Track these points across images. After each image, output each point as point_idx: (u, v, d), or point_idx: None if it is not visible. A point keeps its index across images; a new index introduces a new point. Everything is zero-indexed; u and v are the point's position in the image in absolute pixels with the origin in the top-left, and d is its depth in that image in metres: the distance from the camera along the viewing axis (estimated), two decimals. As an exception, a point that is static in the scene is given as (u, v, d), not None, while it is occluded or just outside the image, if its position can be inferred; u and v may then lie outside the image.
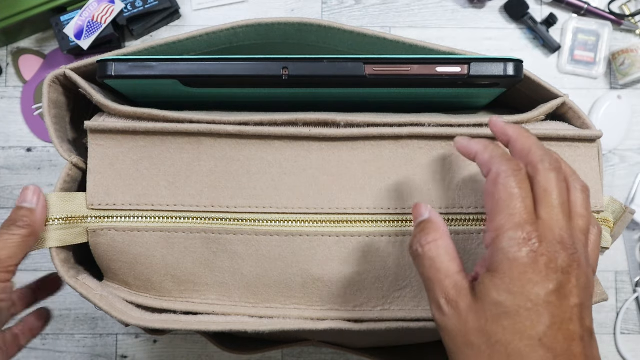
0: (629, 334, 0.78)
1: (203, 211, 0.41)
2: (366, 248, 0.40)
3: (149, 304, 0.42)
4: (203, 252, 0.41)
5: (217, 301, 0.42)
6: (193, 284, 0.42)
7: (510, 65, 0.39)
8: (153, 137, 0.41)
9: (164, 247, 0.41)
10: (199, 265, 0.41)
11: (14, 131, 0.77)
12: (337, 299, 0.41)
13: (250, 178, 0.40)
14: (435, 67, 0.39)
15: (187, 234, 0.40)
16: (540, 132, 0.40)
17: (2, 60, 0.78)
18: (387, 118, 0.40)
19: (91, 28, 0.73)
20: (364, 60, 0.39)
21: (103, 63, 0.40)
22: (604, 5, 0.80)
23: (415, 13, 0.80)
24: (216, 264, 0.41)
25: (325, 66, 0.39)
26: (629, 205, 0.78)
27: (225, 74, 0.39)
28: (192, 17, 0.80)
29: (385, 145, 0.40)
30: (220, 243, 0.41)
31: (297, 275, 0.41)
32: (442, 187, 0.40)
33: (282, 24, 0.42)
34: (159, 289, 0.42)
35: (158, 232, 0.40)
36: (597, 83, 0.80)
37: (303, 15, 0.80)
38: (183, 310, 0.42)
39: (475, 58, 0.39)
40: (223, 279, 0.42)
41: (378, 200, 0.40)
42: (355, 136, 0.40)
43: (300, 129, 0.40)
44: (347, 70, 0.39)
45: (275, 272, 0.41)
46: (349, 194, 0.40)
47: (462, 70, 0.39)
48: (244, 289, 0.42)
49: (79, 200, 0.41)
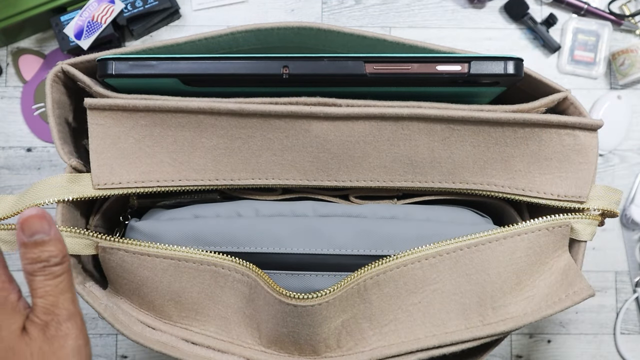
0: (629, 334, 0.78)
1: (207, 185, 0.41)
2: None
3: (148, 322, 0.42)
4: (210, 284, 0.41)
5: (215, 334, 0.42)
6: (195, 313, 0.42)
7: (511, 64, 0.39)
8: (154, 115, 0.40)
9: (172, 274, 0.41)
10: (204, 297, 0.41)
11: (14, 131, 0.77)
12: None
13: (253, 154, 0.40)
14: (436, 66, 0.39)
15: (197, 265, 0.40)
16: (541, 118, 0.40)
17: (2, 60, 0.78)
18: (387, 103, 0.40)
19: (91, 28, 0.73)
20: (365, 59, 0.39)
21: (104, 62, 0.40)
22: (604, 5, 0.80)
23: (415, 13, 0.80)
24: (221, 299, 0.41)
25: (325, 65, 0.39)
26: (628, 205, 0.78)
27: (226, 73, 0.39)
28: (192, 17, 0.80)
29: (385, 126, 0.40)
30: (228, 279, 0.40)
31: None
32: (440, 167, 0.41)
33: (281, 28, 0.42)
34: (159, 311, 0.42)
35: (168, 260, 0.40)
36: (597, 83, 0.80)
37: (303, 16, 0.80)
38: (180, 336, 0.42)
39: (476, 57, 0.39)
40: (225, 314, 0.42)
41: (375, 175, 0.40)
42: (356, 115, 0.40)
43: (301, 107, 0.39)
44: (347, 69, 0.39)
45: (284, 328, 0.41)
46: (348, 171, 0.40)
47: (463, 68, 0.39)
48: (243, 328, 0.42)
49: (85, 181, 0.41)
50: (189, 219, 0.43)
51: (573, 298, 0.41)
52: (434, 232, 0.42)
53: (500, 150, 0.40)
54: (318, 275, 0.41)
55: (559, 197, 0.41)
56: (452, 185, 0.41)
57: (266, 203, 0.44)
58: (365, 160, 0.41)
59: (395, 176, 0.41)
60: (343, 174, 0.41)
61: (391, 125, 0.40)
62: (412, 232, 0.42)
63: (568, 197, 0.41)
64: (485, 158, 0.41)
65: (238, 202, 0.44)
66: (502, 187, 0.42)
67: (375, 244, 0.41)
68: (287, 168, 0.41)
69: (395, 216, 0.43)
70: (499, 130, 0.40)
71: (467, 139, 0.40)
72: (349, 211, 0.43)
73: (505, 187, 0.42)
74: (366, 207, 0.44)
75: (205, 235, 0.42)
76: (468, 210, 0.46)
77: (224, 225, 0.42)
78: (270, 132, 0.40)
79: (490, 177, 0.41)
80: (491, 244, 0.40)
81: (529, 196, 0.42)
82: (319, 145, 0.40)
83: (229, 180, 0.41)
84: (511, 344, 0.77)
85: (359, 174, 0.41)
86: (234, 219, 0.43)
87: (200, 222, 0.42)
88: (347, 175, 0.41)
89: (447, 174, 0.41)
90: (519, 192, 0.42)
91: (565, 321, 0.78)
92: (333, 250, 0.41)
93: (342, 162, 0.41)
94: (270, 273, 0.41)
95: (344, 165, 0.41)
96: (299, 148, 0.40)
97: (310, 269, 0.41)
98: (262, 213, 0.43)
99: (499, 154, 0.41)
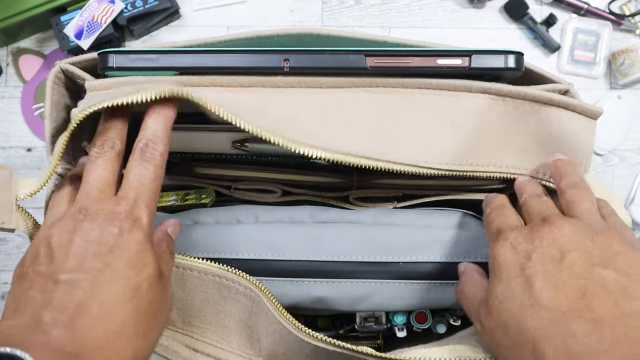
0: (629, 334, 0.78)
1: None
2: None
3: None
4: (213, 294, 0.41)
5: (216, 342, 0.42)
6: (197, 320, 0.42)
7: (511, 57, 0.39)
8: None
9: (176, 282, 0.41)
10: (206, 305, 0.41)
11: (14, 131, 0.77)
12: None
13: (265, 115, 0.38)
14: (436, 60, 0.39)
15: (201, 274, 0.40)
16: (543, 94, 0.39)
17: (2, 60, 0.78)
18: (393, 81, 0.40)
19: (91, 28, 0.73)
20: (366, 53, 0.39)
21: (104, 55, 0.40)
22: (604, 5, 0.80)
23: (415, 13, 0.80)
24: (224, 308, 0.41)
25: (326, 58, 0.39)
26: (628, 205, 0.78)
27: (227, 66, 0.39)
28: (192, 17, 0.80)
29: (391, 95, 0.40)
30: (231, 291, 0.40)
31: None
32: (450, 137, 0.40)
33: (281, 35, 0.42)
34: None
35: (173, 268, 0.40)
36: (597, 83, 0.80)
37: (303, 16, 0.80)
38: (182, 342, 0.42)
39: (476, 50, 0.39)
40: (227, 324, 0.42)
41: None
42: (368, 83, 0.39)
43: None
44: (348, 62, 0.39)
45: (281, 347, 0.41)
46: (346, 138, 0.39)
47: (463, 62, 0.39)
48: (244, 338, 0.42)
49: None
50: (189, 225, 0.43)
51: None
52: (433, 238, 0.42)
53: (500, 125, 0.40)
54: (317, 282, 0.41)
55: (551, 179, 0.41)
56: (459, 167, 0.40)
57: (265, 209, 0.44)
58: (372, 134, 0.39)
59: (400, 154, 0.40)
60: (347, 146, 0.38)
61: (394, 96, 0.39)
62: (411, 238, 0.42)
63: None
64: (487, 135, 0.40)
65: (237, 207, 0.44)
66: (501, 167, 0.41)
67: (374, 251, 0.41)
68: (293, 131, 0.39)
69: (394, 222, 0.43)
70: (500, 104, 0.40)
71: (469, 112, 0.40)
72: (347, 217, 0.43)
73: (502, 167, 0.41)
74: (365, 212, 0.44)
75: (205, 242, 0.42)
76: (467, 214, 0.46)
77: (224, 231, 0.42)
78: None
79: (490, 157, 0.40)
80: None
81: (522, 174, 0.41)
82: (321, 117, 0.39)
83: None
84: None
85: (363, 148, 0.38)
86: (233, 225, 0.43)
87: (200, 228, 0.42)
88: (350, 147, 0.38)
89: (451, 154, 0.40)
90: (514, 171, 0.41)
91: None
92: (332, 257, 0.41)
93: (343, 134, 0.38)
94: (269, 280, 0.41)
95: (343, 137, 0.38)
96: (302, 118, 0.39)
97: (309, 275, 0.41)
98: (262, 219, 0.43)
99: (499, 131, 0.40)
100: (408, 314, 0.43)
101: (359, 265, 0.41)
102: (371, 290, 0.41)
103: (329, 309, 0.42)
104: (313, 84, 0.39)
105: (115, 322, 0.29)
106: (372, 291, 0.41)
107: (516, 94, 0.39)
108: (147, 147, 0.34)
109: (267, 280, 0.41)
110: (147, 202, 0.33)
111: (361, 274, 0.41)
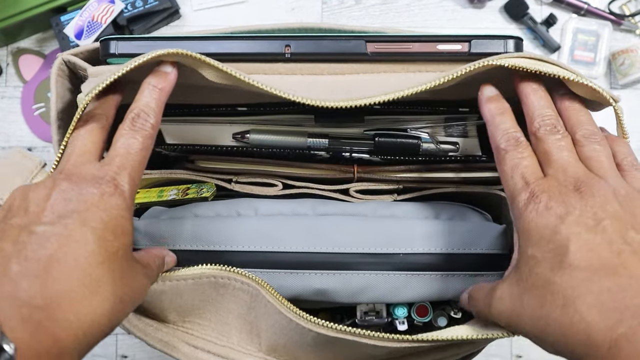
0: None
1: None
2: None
3: (151, 322, 0.42)
4: (211, 293, 0.41)
5: (215, 339, 0.42)
6: (196, 317, 0.42)
7: (511, 42, 0.39)
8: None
9: (173, 293, 0.41)
10: (205, 304, 0.41)
11: (14, 131, 0.77)
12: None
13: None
14: (436, 45, 0.39)
15: (196, 280, 0.40)
16: (551, 69, 0.38)
17: (2, 60, 0.78)
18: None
19: (91, 28, 0.73)
20: (366, 38, 0.39)
21: (106, 42, 0.40)
22: (604, 5, 0.81)
23: (415, 13, 0.80)
24: (222, 305, 0.41)
25: (327, 44, 0.39)
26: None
27: (228, 52, 0.39)
28: (192, 17, 0.80)
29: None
30: (228, 288, 0.40)
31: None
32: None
33: (282, 30, 0.42)
34: (163, 319, 0.42)
35: (167, 282, 0.40)
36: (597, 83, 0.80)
37: (303, 15, 0.80)
38: (181, 339, 0.42)
39: (476, 35, 0.39)
40: (226, 320, 0.42)
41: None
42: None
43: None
44: (349, 48, 0.39)
45: (282, 339, 0.41)
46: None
47: (463, 47, 0.39)
48: (244, 334, 0.42)
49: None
50: (189, 217, 0.43)
51: None
52: (434, 230, 0.42)
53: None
54: (317, 273, 0.41)
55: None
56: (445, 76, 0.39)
57: (265, 202, 0.44)
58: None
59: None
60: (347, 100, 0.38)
61: (397, 74, 0.40)
62: (412, 230, 0.41)
63: None
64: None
65: (237, 200, 0.44)
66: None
67: (374, 242, 0.41)
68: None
69: (394, 214, 0.43)
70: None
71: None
72: (348, 210, 0.43)
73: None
74: (365, 205, 0.44)
75: (205, 235, 0.42)
76: (467, 207, 0.46)
77: (224, 224, 0.42)
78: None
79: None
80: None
81: None
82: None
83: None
84: (511, 344, 0.77)
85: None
86: (233, 218, 0.43)
87: (200, 221, 0.42)
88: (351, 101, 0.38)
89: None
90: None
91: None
92: (333, 249, 0.41)
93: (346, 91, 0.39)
94: (270, 272, 0.41)
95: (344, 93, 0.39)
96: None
97: (310, 267, 0.41)
98: (262, 212, 0.43)
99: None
100: (409, 307, 0.43)
101: (360, 256, 0.41)
102: (372, 281, 0.41)
103: (330, 300, 0.41)
104: (314, 70, 0.39)
105: (91, 280, 0.28)
106: (373, 283, 0.41)
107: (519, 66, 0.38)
108: (138, 117, 0.33)
109: (268, 272, 0.41)
110: (130, 172, 0.32)
111: (362, 266, 0.41)
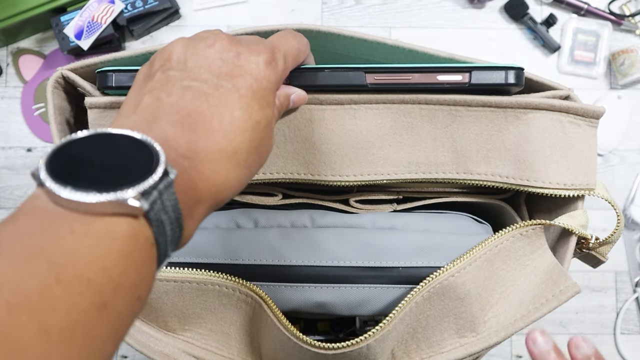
0: (629, 334, 0.78)
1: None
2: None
3: (151, 333, 0.42)
4: (214, 302, 0.41)
5: (216, 349, 0.42)
6: (197, 326, 0.42)
7: (512, 73, 0.39)
8: None
9: (176, 295, 0.41)
10: (207, 312, 0.41)
11: (14, 131, 0.77)
12: None
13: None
14: (437, 76, 0.39)
15: (200, 285, 0.40)
16: (543, 101, 0.39)
17: (2, 60, 0.78)
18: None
19: (91, 28, 0.73)
20: (365, 70, 0.39)
21: (103, 74, 0.40)
22: (604, 5, 0.80)
23: (415, 13, 0.80)
24: (224, 315, 0.41)
25: (326, 75, 0.39)
26: (628, 205, 0.78)
27: None
28: (192, 17, 0.80)
29: (388, 114, 0.40)
30: (232, 298, 0.40)
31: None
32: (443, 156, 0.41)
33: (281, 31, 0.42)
34: (163, 324, 0.42)
35: (172, 282, 0.40)
36: (597, 83, 0.80)
37: (303, 15, 0.80)
38: (182, 349, 0.42)
39: (477, 66, 0.39)
40: (228, 330, 0.42)
41: (378, 167, 0.41)
42: (357, 100, 0.40)
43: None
44: (348, 80, 0.39)
45: (281, 354, 0.41)
46: (351, 164, 0.41)
47: (464, 78, 0.39)
48: (245, 345, 0.42)
49: None
50: None
51: (559, 297, 0.40)
52: (433, 243, 0.42)
53: (502, 138, 0.40)
54: (317, 287, 0.41)
55: (565, 186, 0.41)
56: (456, 175, 0.41)
57: (265, 213, 0.44)
58: (368, 151, 0.40)
59: (400, 167, 0.41)
60: (347, 168, 0.41)
61: (394, 113, 0.40)
62: (411, 243, 0.42)
63: (575, 185, 0.41)
64: (488, 147, 0.40)
65: (237, 211, 0.44)
66: (507, 178, 0.41)
67: (373, 256, 0.41)
68: (290, 160, 0.40)
69: (394, 227, 0.43)
70: (501, 116, 0.40)
71: (469, 126, 0.40)
72: (348, 222, 0.43)
73: (509, 178, 0.41)
74: (365, 217, 0.44)
75: (205, 247, 0.42)
76: (467, 217, 0.45)
77: (224, 237, 0.42)
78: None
79: (494, 167, 0.41)
80: (471, 266, 0.40)
81: (534, 186, 0.41)
82: (321, 136, 0.40)
83: None
84: (511, 344, 0.78)
85: (363, 167, 0.41)
86: (233, 230, 0.43)
87: (200, 234, 0.42)
88: (350, 169, 0.41)
89: (450, 164, 0.41)
90: (523, 183, 0.41)
91: (566, 321, 0.78)
92: (332, 262, 0.41)
93: (345, 154, 0.40)
94: (270, 285, 0.41)
95: (347, 157, 0.40)
96: (301, 139, 0.40)
97: (310, 281, 0.41)
98: (261, 224, 0.43)
99: (502, 142, 0.40)
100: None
101: (359, 270, 0.41)
102: (371, 295, 0.41)
103: (329, 313, 0.42)
104: (313, 101, 0.39)
105: (230, 145, 0.28)
106: (372, 296, 0.41)
107: (517, 104, 0.39)
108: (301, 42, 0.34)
109: (268, 286, 0.41)
110: (286, 55, 0.32)
111: (361, 279, 0.41)
